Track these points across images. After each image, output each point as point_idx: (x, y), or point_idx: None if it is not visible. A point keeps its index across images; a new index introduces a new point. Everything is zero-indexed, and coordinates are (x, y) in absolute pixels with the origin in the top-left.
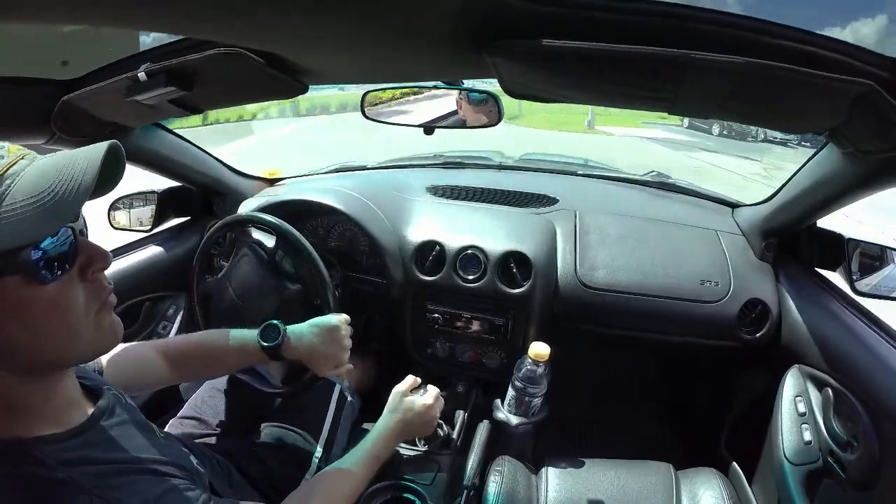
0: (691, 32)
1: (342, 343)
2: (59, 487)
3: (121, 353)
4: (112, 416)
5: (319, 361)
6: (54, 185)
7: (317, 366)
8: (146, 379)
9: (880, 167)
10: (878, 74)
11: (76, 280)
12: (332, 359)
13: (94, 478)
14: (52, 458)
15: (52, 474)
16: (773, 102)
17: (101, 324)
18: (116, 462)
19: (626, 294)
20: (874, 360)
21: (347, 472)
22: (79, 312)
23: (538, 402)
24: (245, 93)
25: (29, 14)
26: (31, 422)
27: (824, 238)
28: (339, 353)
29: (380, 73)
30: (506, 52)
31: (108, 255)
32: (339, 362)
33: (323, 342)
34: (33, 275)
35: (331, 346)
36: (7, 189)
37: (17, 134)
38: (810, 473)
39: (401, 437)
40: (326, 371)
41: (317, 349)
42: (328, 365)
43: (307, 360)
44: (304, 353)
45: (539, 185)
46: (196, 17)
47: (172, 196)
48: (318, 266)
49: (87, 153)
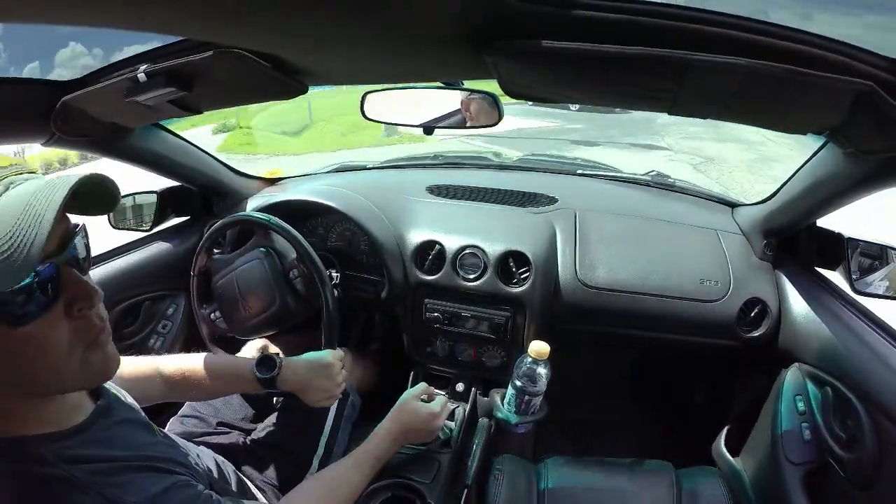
0: (691, 33)
1: (335, 379)
2: (60, 484)
3: (127, 369)
4: (112, 415)
5: (311, 395)
6: (12, 233)
7: (309, 399)
8: (147, 396)
9: (881, 167)
10: (878, 75)
11: (60, 317)
12: (324, 392)
13: (94, 475)
14: (52, 455)
15: (52, 471)
16: (773, 103)
17: (89, 361)
18: (116, 460)
19: (625, 293)
20: (874, 360)
21: (347, 471)
22: (60, 351)
23: (538, 400)
24: (244, 93)
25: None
26: (31, 423)
27: (824, 237)
28: (331, 387)
29: (379, 73)
30: (505, 52)
31: (95, 292)
32: (330, 395)
33: (317, 377)
34: (3, 319)
35: (324, 382)
36: None
37: (16, 134)
38: (810, 472)
39: (402, 441)
40: (317, 403)
41: (311, 384)
42: (321, 398)
43: (300, 392)
44: (297, 386)
45: (538, 184)
46: (196, 18)
47: (172, 196)
48: (318, 265)
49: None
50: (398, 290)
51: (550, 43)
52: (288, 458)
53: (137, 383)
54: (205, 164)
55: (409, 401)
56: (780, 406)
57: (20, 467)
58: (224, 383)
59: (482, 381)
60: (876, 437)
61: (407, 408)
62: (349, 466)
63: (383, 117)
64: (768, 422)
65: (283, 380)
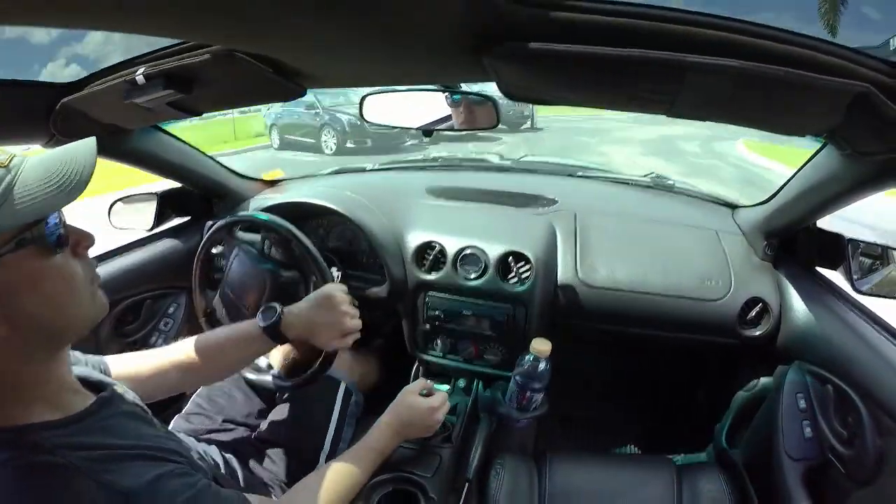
0: (690, 35)
1: (341, 308)
2: (57, 471)
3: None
4: (112, 407)
5: (322, 333)
6: (62, 170)
7: (321, 339)
8: (162, 388)
9: (879, 168)
10: (875, 77)
11: (70, 256)
12: (335, 327)
13: (91, 461)
14: (50, 442)
15: (50, 459)
16: (772, 105)
17: (95, 295)
18: (113, 447)
19: (626, 292)
20: (874, 357)
21: (348, 466)
22: (80, 281)
23: (539, 397)
24: (243, 96)
25: (27, 17)
26: (30, 405)
27: (824, 238)
28: (340, 319)
29: (378, 76)
30: (504, 55)
31: (91, 235)
32: (343, 329)
33: (321, 313)
34: (46, 245)
35: (330, 315)
36: (16, 175)
37: (16, 136)
38: (811, 469)
39: (402, 435)
40: (332, 342)
41: (316, 321)
42: (332, 335)
43: (310, 335)
44: (304, 328)
45: (538, 186)
46: (194, 20)
47: (172, 197)
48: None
49: (82, 144)
50: (399, 288)
51: (549, 46)
52: (294, 455)
53: (151, 378)
54: (204, 166)
55: (407, 395)
56: (780, 403)
57: (19, 455)
58: (236, 349)
59: (484, 378)
60: (876, 434)
61: (405, 401)
62: (350, 461)
63: (382, 120)
64: (769, 419)
65: (287, 325)
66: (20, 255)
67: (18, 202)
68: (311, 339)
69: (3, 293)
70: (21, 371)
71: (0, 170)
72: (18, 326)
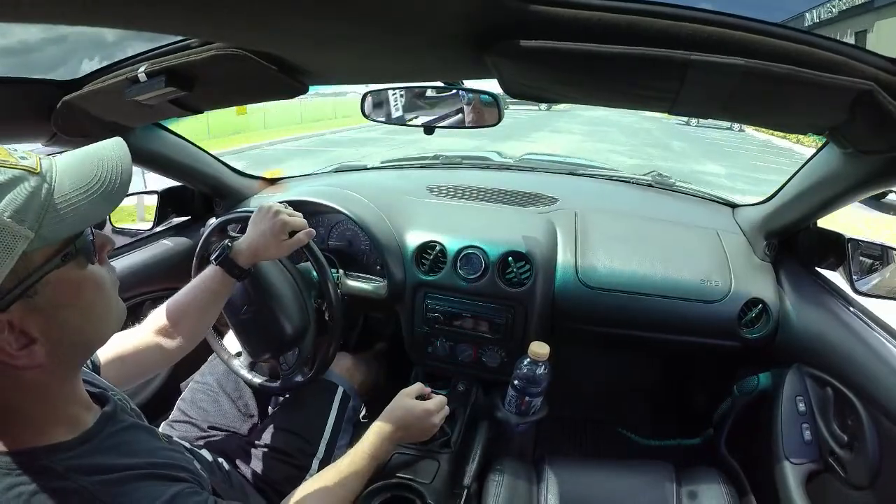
0: (692, 33)
1: (279, 216)
2: (71, 496)
3: (119, 344)
4: (117, 422)
5: (270, 245)
6: (97, 174)
7: (271, 251)
8: (149, 363)
9: (881, 167)
10: (878, 75)
11: (97, 262)
12: (275, 233)
13: (104, 485)
14: (62, 466)
15: (63, 484)
16: (774, 103)
17: (118, 299)
18: (124, 468)
19: (626, 293)
20: (874, 360)
21: (344, 472)
22: (110, 288)
23: (538, 401)
24: (245, 93)
25: (29, 14)
26: (44, 425)
27: (825, 238)
28: (276, 226)
29: (380, 73)
30: (506, 52)
31: (112, 239)
32: (289, 227)
33: (259, 227)
34: (88, 256)
35: (266, 223)
36: (51, 183)
37: (17, 134)
38: (810, 473)
39: (397, 439)
40: (285, 247)
41: (257, 237)
42: (280, 240)
43: (261, 252)
44: (251, 250)
45: (539, 184)
46: (197, 18)
47: (173, 195)
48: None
49: (109, 145)
50: (398, 289)
51: (551, 43)
52: (288, 460)
53: (136, 355)
54: (205, 164)
55: (403, 398)
56: (780, 406)
57: (31, 481)
58: (203, 294)
59: (482, 382)
60: (876, 437)
61: (401, 405)
62: (345, 466)
63: (383, 116)
64: (768, 422)
65: (236, 253)
66: (63, 270)
67: (62, 213)
68: (265, 255)
69: (47, 311)
70: (48, 390)
71: (34, 177)
72: (58, 343)
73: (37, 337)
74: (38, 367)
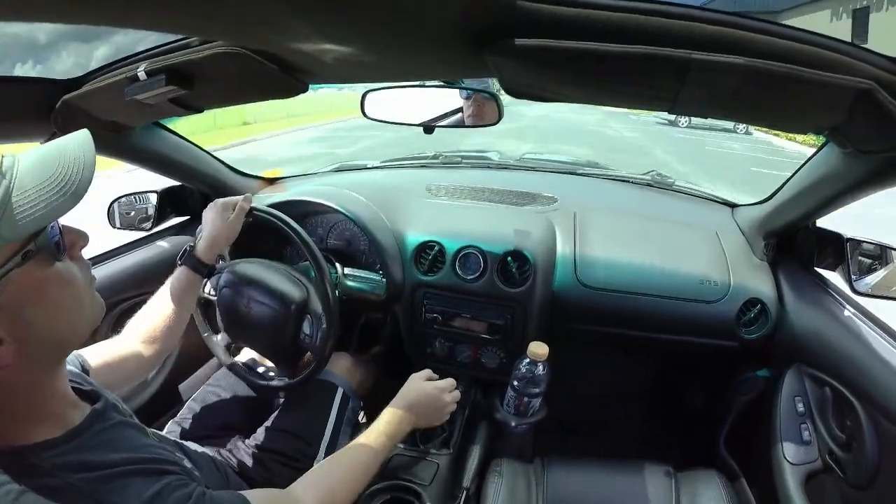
0: (692, 32)
1: (217, 203)
2: (59, 494)
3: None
4: (106, 420)
5: (220, 230)
6: (60, 170)
7: (224, 233)
8: (133, 369)
9: (881, 167)
10: (879, 74)
11: (68, 259)
12: (220, 210)
13: (92, 482)
14: (49, 463)
15: (50, 482)
16: (774, 102)
17: (94, 297)
18: (111, 465)
19: (624, 293)
20: (873, 360)
21: (360, 450)
22: (81, 285)
23: (537, 402)
24: (245, 92)
25: (29, 13)
26: (29, 422)
27: (824, 238)
28: (220, 204)
29: (380, 72)
30: (506, 51)
31: (86, 234)
32: (229, 205)
33: (213, 220)
34: (52, 253)
35: (211, 212)
36: (12, 180)
37: (16, 133)
38: (809, 473)
39: (412, 420)
40: (232, 224)
41: (210, 228)
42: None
43: (217, 240)
44: (209, 240)
45: (538, 184)
46: (196, 16)
47: (172, 195)
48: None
49: (73, 138)
50: (397, 290)
51: (552, 42)
52: (289, 462)
53: (121, 363)
54: (205, 164)
55: (415, 380)
56: (779, 406)
57: (18, 479)
58: (174, 294)
59: (481, 383)
60: (875, 437)
61: (413, 386)
62: (361, 446)
63: (383, 116)
64: (767, 422)
65: (199, 251)
66: (25, 268)
67: (20, 211)
68: (220, 240)
69: (11, 310)
70: (25, 388)
71: None
72: (25, 342)
73: (2, 337)
74: (8, 367)
